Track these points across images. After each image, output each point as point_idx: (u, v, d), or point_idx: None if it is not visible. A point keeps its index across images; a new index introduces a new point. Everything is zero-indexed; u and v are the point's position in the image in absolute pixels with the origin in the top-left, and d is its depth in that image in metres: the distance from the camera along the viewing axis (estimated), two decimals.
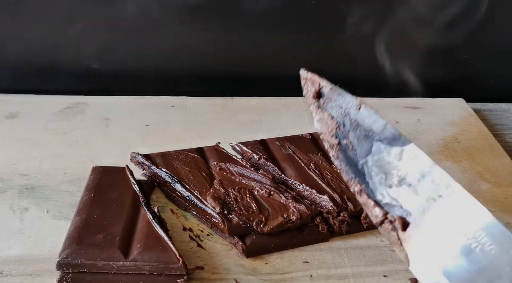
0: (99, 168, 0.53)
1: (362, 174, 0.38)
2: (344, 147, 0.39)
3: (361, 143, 0.39)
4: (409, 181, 0.36)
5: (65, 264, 0.42)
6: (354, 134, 0.39)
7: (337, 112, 0.40)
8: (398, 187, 0.36)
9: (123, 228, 0.45)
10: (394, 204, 0.36)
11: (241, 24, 0.74)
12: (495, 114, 0.75)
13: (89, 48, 0.74)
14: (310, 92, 0.42)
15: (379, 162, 0.38)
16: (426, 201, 0.35)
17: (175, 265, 0.42)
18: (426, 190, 0.35)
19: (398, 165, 0.37)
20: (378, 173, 0.38)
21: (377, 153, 0.38)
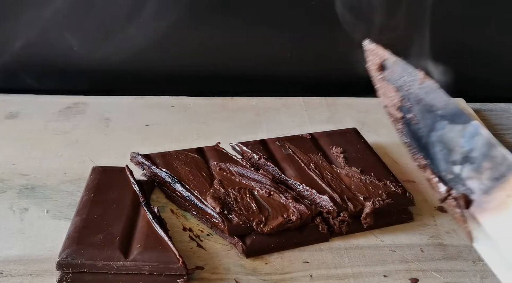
0: (99, 168, 0.53)
1: (426, 149, 0.38)
2: (408, 121, 0.39)
3: (424, 117, 0.38)
4: (472, 158, 0.36)
5: (65, 264, 0.42)
6: (418, 108, 0.39)
7: (401, 85, 0.40)
8: (462, 164, 0.36)
9: (123, 228, 0.45)
10: (457, 181, 0.36)
11: (242, 24, 0.74)
12: (495, 114, 0.75)
13: (89, 48, 0.74)
14: (373, 64, 0.41)
15: (442, 137, 0.37)
16: (489, 180, 0.35)
17: (175, 265, 0.42)
18: (489, 169, 0.35)
19: (461, 142, 0.36)
20: (441, 149, 0.37)
21: (441, 129, 0.37)
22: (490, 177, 0.35)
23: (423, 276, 0.46)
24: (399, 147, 0.63)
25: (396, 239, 0.49)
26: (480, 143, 0.36)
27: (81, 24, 0.72)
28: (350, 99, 0.74)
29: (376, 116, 0.70)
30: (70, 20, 0.72)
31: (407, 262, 0.47)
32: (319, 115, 0.70)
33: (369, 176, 0.53)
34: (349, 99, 0.74)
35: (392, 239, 0.49)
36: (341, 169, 0.54)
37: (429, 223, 0.52)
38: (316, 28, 0.75)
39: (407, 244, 0.49)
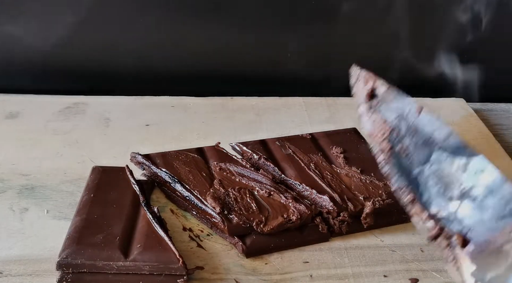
0: (99, 168, 0.53)
1: (416, 183, 0.36)
2: (397, 153, 0.37)
3: (418, 150, 0.36)
4: (474, 195, 0.34)
5: (65, 264, 0.42)
6: (410, 140, 0.37)
7: (392, 115, 0.38)
8: (460, 201, 0.34)
9: (123, 228, 0.45)
10: (452, 218, 0.34)
11: (241, 24, 0.74)
12: (495, 114, 0.75)
13: (89, 48, 0.74)
14: (363, 91, 0.39)
15: (438, 172, 0.35)
16: (492, 219, 0.33)
17: (175, 265, 0.42)
18: (495, 207, 0.33)
19: (462, 177, 0.34)
20: (436, 184, 0.35)
21: (437, 162, 0.35)
22: (493, 216, 0.33)
23: (423, 276, 0.46)
24: None
25: (396, 239, 0.49)
26: (487, 179, 0.34)
27: (81, 23, 0.72)
28: (350, 99, 0.73)
29: None
30: (70, 20, 0.72)
31: (407, 262, 0.47)
32: (319, 115, 0.70)
33: (369, 176, 0.53)
34: (349, 99, 0.73)
35: (392, 239, 0.49)
36: (341, 169, 0.54)
37: None
38: (316, 28, 0.75)
39: (407, 244, 0.49)
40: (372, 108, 0.39)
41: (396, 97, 0.38)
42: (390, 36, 0.76)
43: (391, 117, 0.38)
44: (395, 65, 0.79)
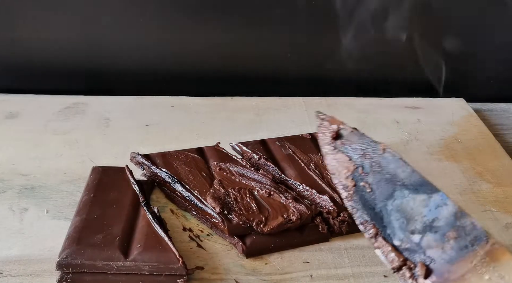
0: (99, 168, 0.53)
1: (379, 218, 0.37)
2: (360, 189, 0.39)
3: (381, 186, 0.38)
4: (435, 228, 0.35)
5: (64, 264, 0.42)
6: (374, 177, 0.39)
7: (356, 154, 0.40)
8: (422, 233, 0.36)
9: (123, 228, 0.45)
10: (415, 250, 0.35)
11: (241, 24, 0.74)
12: (496, 114, 0.75)
13: (89, 48, 0.74)
14: (328, 133, 0.41)
15: (401, 206, 0.37)
16: (454, 250, 0.34)
17: (175, 265, 0.42)
18: (455, 239, 0.35)
19: (424, 211, 0.36)
20: (399, 218, 0.37)
21: (400, 198, 0.37)
22: (455, 247, 0.34)
23: None
24: (399, 147, 0.63)
25: None
26: (447, 212, 0.36)
27: (81, 24, 0.72)
28: (350, 99, 0.74)
29: (376, 116, 0.70)
30: (70, 20, 0.72)
31: None
32: None
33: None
34: (349, 99, 0.74)
35: None
36: None
37: None
38: (316, 28, 0.75)
39: None
40: (337, 148, 0.41)
41: (361, 138, 0.40)
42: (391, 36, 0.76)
43: (355, 156, 0.40)
44: (396, 65, 0.79)
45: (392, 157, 0.39)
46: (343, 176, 0.40)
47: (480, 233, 0.34)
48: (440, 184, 0.56)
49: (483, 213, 0.53)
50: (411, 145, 0.64)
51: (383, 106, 0.73)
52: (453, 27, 0.76)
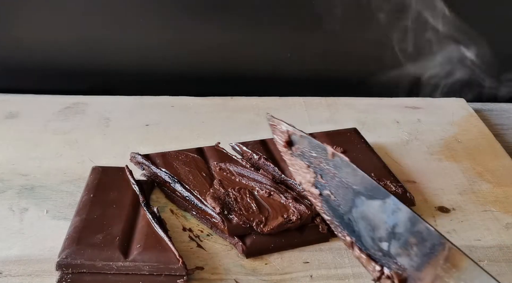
0: (99, 168, 0.53)
1: (350, 226, 0.36)
2: (326, 198, 0.37)
3: (342, 194, 0.37)
4: (397, 234, 0.34)
5: (64, 265, 0.42)
6: (333, 184, 0.37)
7: (312, 161, 0.38)
8: (389, 241, 0.34)
9: (122, 228, 0.45)
10: (388, 258, 0.34)
11: (241, 24, 0.74)
12: (496, 114, 0.75)
13: (89, 48, 0.74)
14: (281, 140, 0.39)
15: (364, 214, 0.35)
16: (419, 256, 0.33)
17: (175, 266, 0.42)
18: (417, 245, 0.33)
19: (384, 218, 0.35)
20: (366, 226, 0.35)
21: (361, 205, 0.36)
22: (419, 253, 0.33)
23: None
24: (399, 147, 0.63)
25: None
26: (403, 217, 0.34)
27: (81, 23, 0.72)
28: (350, 99, 0.74)
29: (376, 116, 0.70)
30: (71, 20, 0.72)
31: None
32: (319, 115, 0.70)
33: (369, 176, 0.53)
34: (349, 99, 0.74)
35: None
36: None
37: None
38: (316, 28, 0.75)
39: None
40: (294, 155, 0.38)
41: (310, 143, 0.38)
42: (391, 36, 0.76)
43: (312, 163, 0.38)
44: (396, 65, 0.79)
45: (342, 161, 0.37)
46: (308, 185, 0.38)
47: (436, 238, 0.33)
48: (440, 184, 0.57)
49: (483, 213, 0.53)
50: (411, 145, 0.64)
51: (383, 106, 0.73)
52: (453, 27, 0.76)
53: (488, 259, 0.47)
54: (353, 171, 0.36)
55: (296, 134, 0.38)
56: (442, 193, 0.56)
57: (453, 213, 0.53)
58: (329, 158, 0.37)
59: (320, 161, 0.37)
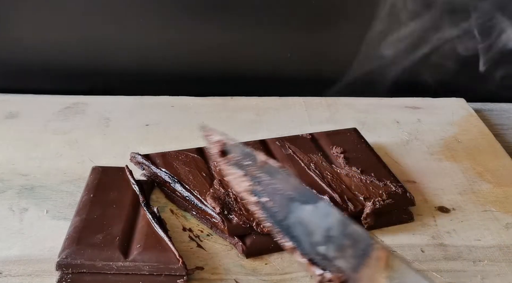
0: (99, 168, 0.53)
1: (289, 232, 0.36)
2: (265, 205, 0.37)
3: (277, 200, 0.37)
4: (332, 238, 0.35)
5: (64, 265, 0.42)
6: (269, 191, 0.37)
7: (247, 169, 0.38)
8: (325, 245, 0.35)
9: (122, 228, 0.45)
10: (327, 262, 0.35)
11: (241, 24, 0.74)
12: (496, 114, 0.75)
13: (89, 48, 0.74)
14: (215, 150, 0.40)
15: (300, 219, 0.36)
16: (354, 258, 0.35)
17: (175, 266, 0.42)
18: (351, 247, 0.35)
19: (318, 221, 0.36)
20: (303, 231, 0.36)
21: (296, 210, 0.37)
22: (353, 255, 0.34)
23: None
24: (399, 147, 0.63)
25: (396, 239, 0.49)
26: (335, 220, 0.35)
27: (81, 23, 0.72)
28: (350, 99, 0.74)
29: (376, 116, 0.70)
30: (71, 20, 0.72)
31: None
32: (319, 115, 0.70)
33: (369, 176, 0.53)
34: (349, 99, 0.74)
35: (392, 239, 0.49)
36: (341, 169, 0.54)
37: (429, 223, 0.51)
38: (316, 28, 0.75)
39: (407, 244, 0.49)
40: (229, 164, 0.39)
41: (242, 151, 0.38)
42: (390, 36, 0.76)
43: (247, 171, 0.38)
44: (396, 65, 0.79)
45: (274, 168, 0.38)
46: (246, 193, 0.38)
47: (366, 239, 0.34)
48: (440, 184, 0.57)
49: (483, 213, 0.53)
50: (411, 145, 0.64)
51: (383, 106, 0.73)
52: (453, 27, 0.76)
53: (488, 259, 0.47)
54: (285, 177, 0.37)
55: (229, 143, 0.39)
56: (442, 193, 0.56)
57: (453, 213, 0.53)
58: (261, 165, 0.38)
59: (254, 168, 0.38)
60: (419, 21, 0.76)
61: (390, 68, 0.78)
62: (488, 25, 0.73)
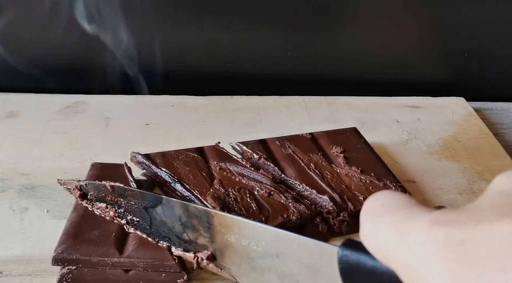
0: (98, 164, 0.53)
1: (161, 235, 0.42)
2: (133, 222, 0.44)
3: (138, 213, 0.43)
4: (186, 223, 0.41)
5: (60, 259, 0.42)
6: (129, 209, 0.44)
7: (105, 199, 0.45)
8: (185, 231, 0.41)
9: (119, 225, 0.45)
10: (195, 245, 0.41)
11: (241, 24, 0.74)
12: (495, 114, 0.75)
13: (89, 48, 0.74)
14: (76, 196, 0.46)
15: (160, 221, 0.42)
16: (205, 231, 0.40)
17: (169, 263, 0.42)
18: (199, 224, 0.40)
19: (171, 216, 0.41)
20: (167, 230, 0.42)
21: (154, 216, 0.42)
22: (204, 229, 0.40)
23: None
24: (399, 147, 0.63)
25: None
26: (179, 208, 0.41)
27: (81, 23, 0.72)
28: (350, 99, 0.74)
29: (376, 115, 0.70)
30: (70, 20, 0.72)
31: None
32: (319, 115, 0.70)
33: (369, 175, 0.53)
34: (349, 99, 0.74)
35: None
36: (341, 168, 0.54)
37: None
38: (316, 28, 0.75)
39: None
40: (91, 202, 0.46)
41: (95, 186, 0.45)
42: (391, 36, 0.76)
43: (107, 201, 0.45)
44: (396, 65, 0.79)
45: (121, 188, 0.44)
46: (115, 220, 0.44)
47: (203, 211, 0.39)
48: (440, 183, 0.57)
49: None
50: (411, 144, 0.64)
51: (383, 105, 0.73)
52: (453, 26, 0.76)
53: None
54: (131, 192, 0.43)
55: (83, 185, 0.46)
56: (441, 193, 0.56)
57: None
58: (111, 191, 0.44)
59: (110, 197, 0.44)
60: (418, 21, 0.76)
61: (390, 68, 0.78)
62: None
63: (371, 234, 0.25)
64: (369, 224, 0.25)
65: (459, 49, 0.77)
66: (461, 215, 0.22)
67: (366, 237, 0.25)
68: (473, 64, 0.79)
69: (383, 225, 0.24)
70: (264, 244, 0.36)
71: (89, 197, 0.45)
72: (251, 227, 0.37)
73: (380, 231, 0.24)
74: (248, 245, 0.37)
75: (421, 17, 0.76)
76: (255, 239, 0.36)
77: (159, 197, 0.42)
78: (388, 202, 0.25)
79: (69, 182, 0.46)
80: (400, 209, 0.24)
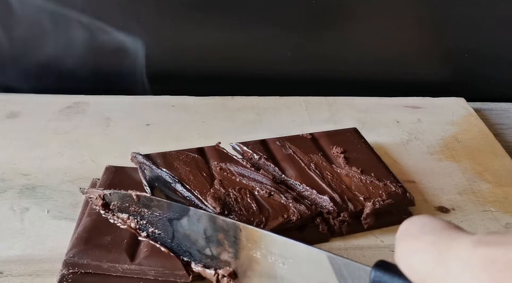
0: (112, 167, 0.52)
1: (182, 250, 0.41)
2: (153, 235, 0.42)
3: (160, 225, 0.42)
4: (210, 237, 0.39)
5: (71, 263, 0.42)
6: (153, 221, 0.42)
7: (129, 209, 0.43)
8: (208, 246, 0.40)
9: (131, 231, 0.45)
10: (216, 261, 0.40)
11: (241, 24, 0.74)
12: (496, 114, 0.75)
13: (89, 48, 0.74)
14: (98, 205, 0.44)
15: (183, 234, 0.41)
16: (230, 246, 0.39)
17: (180, 272, 0.42)
18: (225, 238, 0.39)
19: (196, 229, 0.40)
20: (189, 243, 0.41)
21: (178, 228, 0.41)
22: (229, 244, 0.38)
23: None
24: (399, 147, 0.63)
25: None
26: (205, 221, 0.39)
27: (81, 23, 0.72)
28: (351, 99, 0.74)
29: (376, 116, 0.70)
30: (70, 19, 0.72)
31: None
32: (319, 115, 0.70)
33: (369, 176, 0.53)
34: (350, 99, 0.74)
35: (392, 239, 0.49)
36: (341, 169, 0.54)
37: None
38: (316, 28, 0.75)
39: None
40: (113, 213, 0.44)
41: (120, 196, 0.43)
42: (391, 36, 0.76)
43: (130, 212, 0.43)
44: (395, 65, 0.79)
45: (147, 198, 0.42)
46: (136, 232, 0.43)
47: (231, 225, 0.38)
48: (440, 183, 0.57)
49: (483, 213, 0.53)
50: (411, 145, 0.64)
51: (383, 106, 0.73)
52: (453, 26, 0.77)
53: None
54: (157, 202, 0.42)
55: (106, 194, 0.44)
56: (441, 193, 0.56)
57: (453, 213, 0.53)
58: (137, 201, 0.42)
59: (133, 207, 0.43)
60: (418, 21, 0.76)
61: (390, 68, 0.78)
62: None
63: (407, 255, 0.24)
64: (406, 244, 0.24)
65: (459, 49, 0.77)
66: (506, 236, 0.22)
67: (402, 258, 0.24)
68: (473, 64, 0.79)
69: (422, 246, 0.23)
70: (291, 262, 0.35)
71: (111, 207, 0.44)
72: (280, 243, 0.35)
73: (418, 252, 0.23)
74: (274, 262, 0.36)
75: (421, 17, 0.76)
76: (282, 256, 0.35)
77: (185, 208, 0.40)
78: (426, 224, 0.25)
79: (92, 191, 0.44)
80: (440, 231, 0.24)
